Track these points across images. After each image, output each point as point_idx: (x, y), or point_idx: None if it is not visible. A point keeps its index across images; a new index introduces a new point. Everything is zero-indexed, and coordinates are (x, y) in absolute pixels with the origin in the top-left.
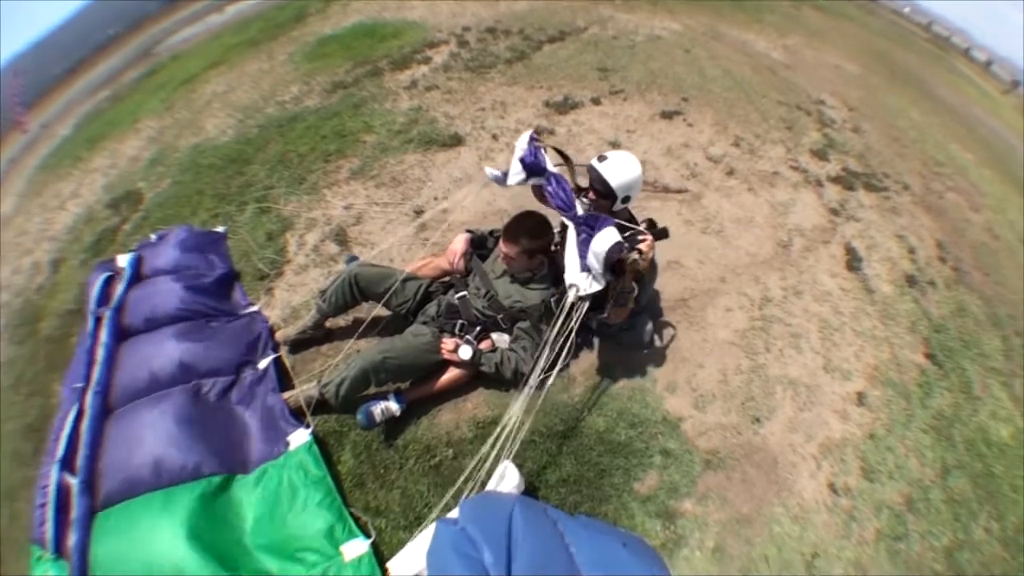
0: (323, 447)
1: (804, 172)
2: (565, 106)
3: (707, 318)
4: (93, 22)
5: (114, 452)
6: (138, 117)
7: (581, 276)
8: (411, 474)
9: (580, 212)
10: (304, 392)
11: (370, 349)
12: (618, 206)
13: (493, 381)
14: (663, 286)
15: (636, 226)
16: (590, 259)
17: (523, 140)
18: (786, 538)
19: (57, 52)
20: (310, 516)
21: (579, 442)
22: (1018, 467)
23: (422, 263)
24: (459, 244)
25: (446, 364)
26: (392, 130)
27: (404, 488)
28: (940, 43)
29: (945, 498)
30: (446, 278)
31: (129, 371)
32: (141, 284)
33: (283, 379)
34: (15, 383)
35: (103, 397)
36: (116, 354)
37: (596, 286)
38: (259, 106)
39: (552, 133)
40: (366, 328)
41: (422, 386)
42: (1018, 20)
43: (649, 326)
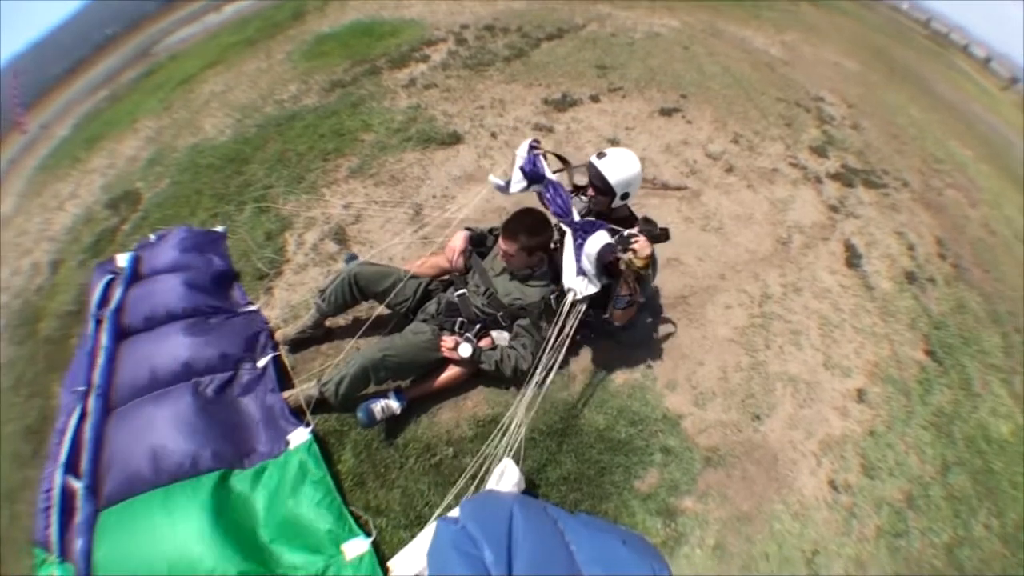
0: (323, 446)
1: (803, 169)
2: (564, 104)
3: (707, 315)
4: (91, 22)
5: (115, 451)
6: (136, 117)
7: (578, 280)
8: (411, 473)
9: (576, 218)
10: (304, 391)
11: (370, 347)
12: (617, 203)
13: (493, 379)
14: (662, 283)
15: (629, 229)
16: (584, 262)
17: (523, 149)
18: (786, 535)
19: (56, 52)
20: (310, 515)
21: (579, 440)
22: (1018, 464)
23: (421, 261)
24: (458, 242)
25: (446, 362)
26: (391, 128)
27: (405, 487)
28: (939, 39)
29: (945, 495)
30: (446, 276)
31: (129, 370)
32: (140, 283)
33: (283, 379)
34: (15, 384)
35: (105, 399)
36: (116, 354)
37: (592, 288)
38: (257, 105)
39: (551, 131)
40: (366, 327)
41: (422, 384)
42: (1017, 17)
43: (648, 324)
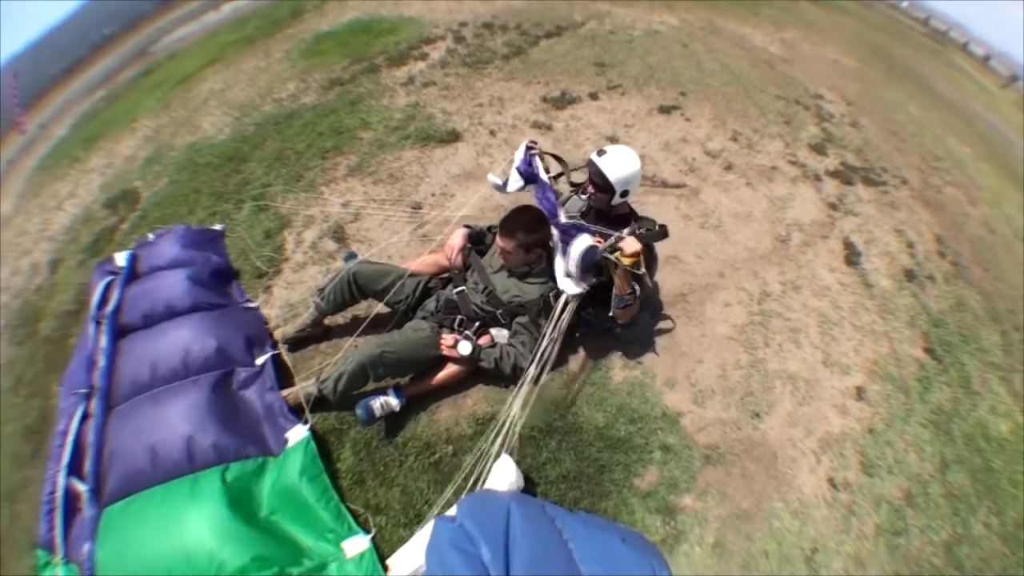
0: (323, 444)
1: (802, 167)
2: (562, 101)
3: (706, 313)
4: (89, 22)
5: (115, 449)
6: (135, 116)
7: (566, 280)
8: (411, 471)
9: (563, 219)
10: (303, 389)
11: (368, 343)
12: (617, 200)
13: (492, 377)
14: (662, 281)
15: (621, 229)
16: (568, 264)
17: (520, 151)
18: (786, 533)
19: (54, 52)
20: (310, 513)
21: (579, 438)
22: (1017, 462)
23: (420, 259)
24: (456, 239)
25: (445, 359)
26: (389, 127)
27: (404, 485)
28: (938, 37)
29: (944, 493)
30: (445, 274)
31: (130, 367)
32: (139, 281)
33: (283, 377)
34: (14, 384)
35: (106, 401)
36: (116, 352)
37: (578, 288)
38: (256, 104)
39: (550, 129)
40: (366, 325)
41: (421, 381)
42: (1016, 15)
43: (648, 321)
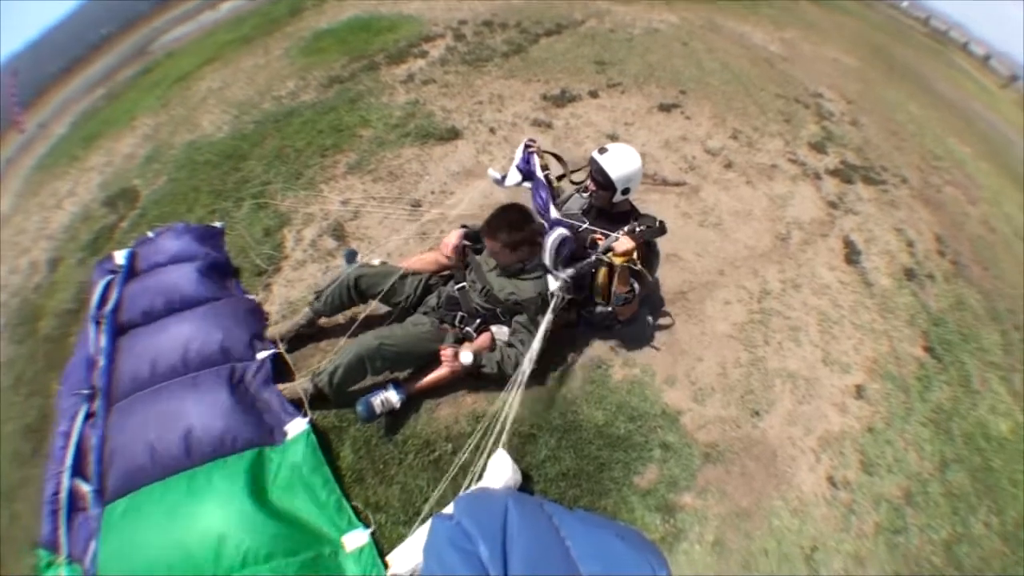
0: (323, 442)
1: (802, 165)
2: (563, 99)
3: (706, 311)
4: (88, 21)
5: (116, 446)
6: (134, 115)
7: (548, 276)
8: (411, 469)
9: (554, 214)
10: (299, 384)
11: (366, 336)
12: (618, 197)
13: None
14: (661, 279)
15: (616, 228)
16: (545, 256)
17: (519, 150)
18: (785, 531)
19: (53, 51)
20: (309, 506)
21: (578, 436)
22: (1017, 461)
23: (417, 258)
24: (452, 238)
25: None
26: (389, 124)
27: (404, 483)
28: (938, 37)
29: (944, 492)
30: (445, 271)
31: (130, 365)
32: (138, 279)
33: (284, 374)
34: (14, 383)
35: (107, 399)
36: (116, 350)
37: (556, 283)
38: (255, 102)
39: (550, 127)
40: (364, 323)
41: (421, 378)
42: (1017, 15)
43: (648, 319)
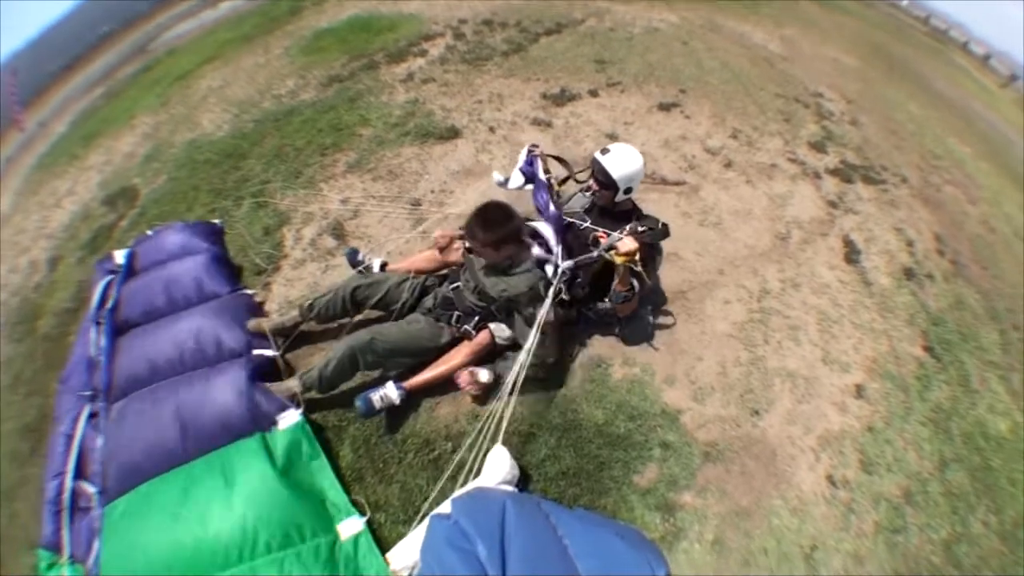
0: (322, 441)
1: (802, 164)
2: (562, 98)
3: (705, 310)
4: (88, 20)
5: (115, 446)
6: (134, 114)
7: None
8: (410, 468)
9: (554, 212)
10: (290, 382)
11: (360, 331)
12: (620, 197)
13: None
14: (661, 278)
15: (618, 227)
16: (551, 245)
17: (523, 154)
18: (785, 530)
19: (53, 50)
20: (305, 494)
21: (578, 435)
22: (1016, 461)
23: (419, 255)
24: (445, 232)
25: (442, 353)
26: (388, 123)
27: (403, 482)
28: (938, 36)
29: (943, 491)
30: (443, 270)
31: (129, 364)
32: (138, 277)
33: (278, 373)
34: (13, 382)
35: (106, 400)
36: (115, 350)
37: (551, 268)
38: (255, 101)
39: (549, 125)
40: (361, 326)
41: (421, 375)
42: (1016, 14)
43: (647, 318)
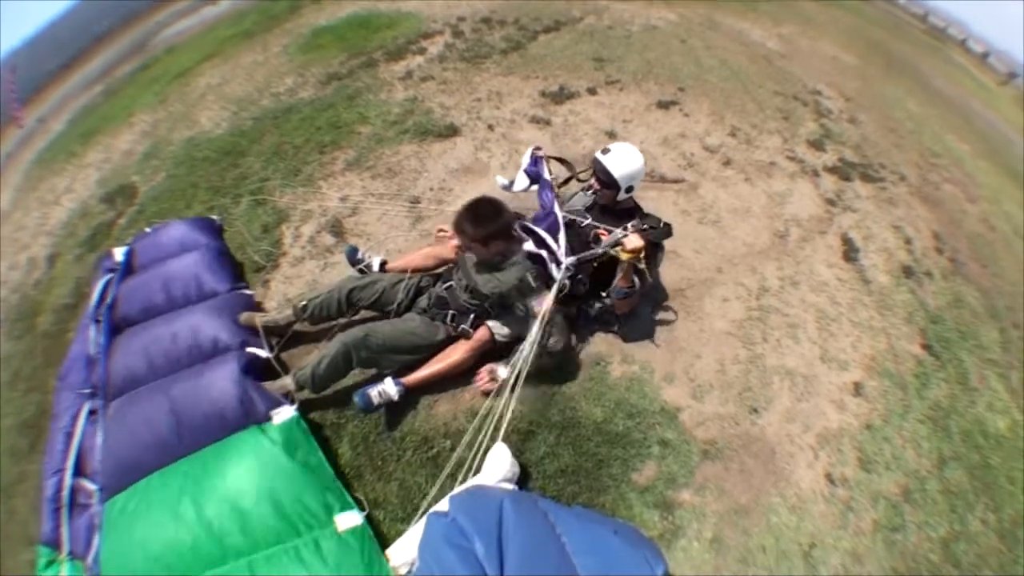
0: (320, 439)
1: (801, 162)
2: (561, 96)
3: (704, 308)
4: (87, 17)
5: (113, 443)
6: (132, 111)
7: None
8: (409, 466)
9: (559, 212)
10: (284, 380)
11: (353, 328)
12: (622, 195)
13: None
14: (660, 276)
15: (620, 225)
16: (554, 245)
17: (527, 156)
18: (783, 528)
19: (52, 47)
20: (302, 487)
21: (577, 433)
22: (1015, 459)
23: (421, 252)
24: (445, 227)
25: (439, 350)
26: (387, 121)
27: (402, 480)
28: (936, 34)
29: (942, 489)
30: (442, 268)
31: (127, 361)
32: (136, 275)
33: (273, 371)
34: (12, 379)
35: (104, 397)
36: (113, 347)
37: (558, 271)
38: (254, 98)
39: (548, 123)
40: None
41: (420, 372)
42: (1016, 12)
43: (646, 316)
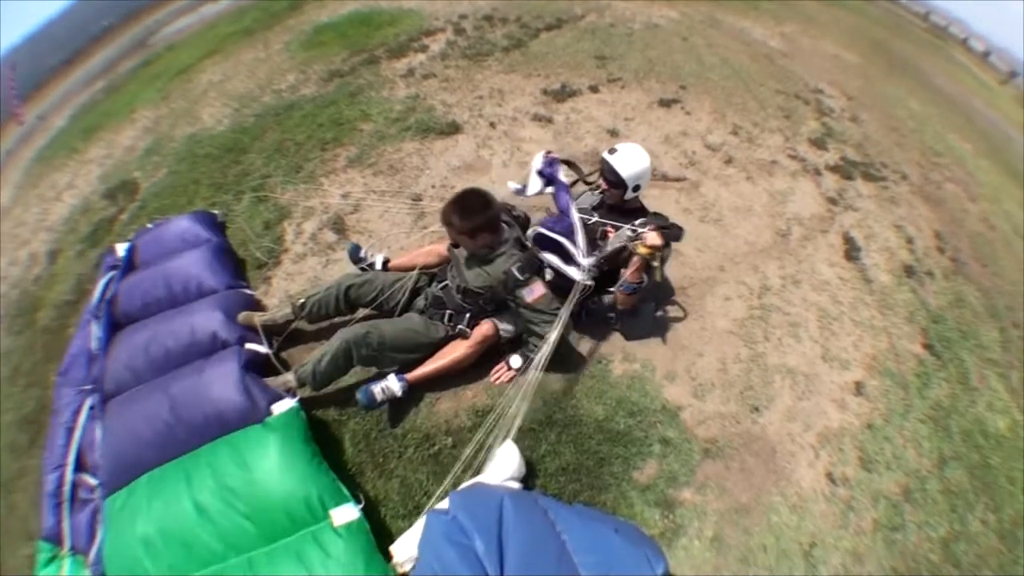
0: (322, 436)
1: (802, 161)
2: (563, 94)
3: (706, 307)
4: (88, 13)
5: (114, 440)
6: (134, 107)
7: (570, 269)
8: (410, 463)
9: (575, 214)
10: (284, 377)
11: (354, 325)
12: (629, 195)
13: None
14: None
15: (620, 225)
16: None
17: (538, 158)
18: (784, 528)
19: (53, 43)
20: (301, 481)
21: (578, 431)
22: (1015, 459)
23: (421, 251)
24: None
25: (441, 347)
26: (389, 118)
27: (403, 477)
28: (938, 32)
29: (942, 489)
30: (444, 266)
31: (127, 358)
32: (138, 271)
33: (271, 369)
34: (12, 374)
35: (103, 393)
36: (114, 344)
37: (579, 273)
38: (255, 95)
39: (550, 121)
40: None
41: (423, 367)
42: (1017, 11)
43: (651, 313)
